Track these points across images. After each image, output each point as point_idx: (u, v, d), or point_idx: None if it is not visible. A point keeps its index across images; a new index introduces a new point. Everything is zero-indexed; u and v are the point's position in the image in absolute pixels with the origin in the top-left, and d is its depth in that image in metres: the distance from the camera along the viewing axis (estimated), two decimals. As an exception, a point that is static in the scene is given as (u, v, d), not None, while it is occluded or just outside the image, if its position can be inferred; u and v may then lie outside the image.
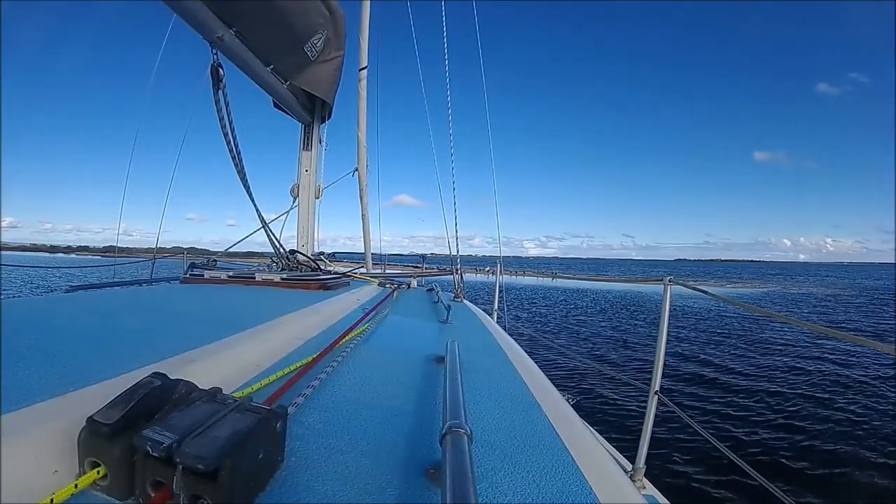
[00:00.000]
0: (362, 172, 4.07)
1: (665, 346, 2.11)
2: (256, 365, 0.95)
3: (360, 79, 3.98)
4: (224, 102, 1.89)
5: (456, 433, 0.55)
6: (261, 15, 2.07)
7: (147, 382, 0.53)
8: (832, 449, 4.19)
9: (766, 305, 18.73)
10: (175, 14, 1.73)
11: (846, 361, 7.44)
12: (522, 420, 0.78)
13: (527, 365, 1.21)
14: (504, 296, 4.35)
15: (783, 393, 5.84)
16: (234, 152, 2.01)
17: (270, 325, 1.19)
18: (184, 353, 0.83)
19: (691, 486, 3.47)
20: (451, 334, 1.46)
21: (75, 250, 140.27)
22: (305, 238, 3.28)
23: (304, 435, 0.65)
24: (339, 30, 2.84)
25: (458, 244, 3.51)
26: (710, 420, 4.83)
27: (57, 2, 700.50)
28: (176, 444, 0.44)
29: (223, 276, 2.34)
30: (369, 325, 1.43)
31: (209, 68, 1.84)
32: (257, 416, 0.51)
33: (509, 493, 0.55)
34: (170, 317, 1.32)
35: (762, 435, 4.47)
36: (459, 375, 0.81)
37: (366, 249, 4.35)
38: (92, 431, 0.47)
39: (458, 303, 2.50)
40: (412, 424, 0.72)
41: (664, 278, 2.13)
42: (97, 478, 0.47)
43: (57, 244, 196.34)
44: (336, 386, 0.87)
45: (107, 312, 1.34)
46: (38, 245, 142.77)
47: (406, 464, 0.59)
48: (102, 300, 1.64)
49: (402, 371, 1.01)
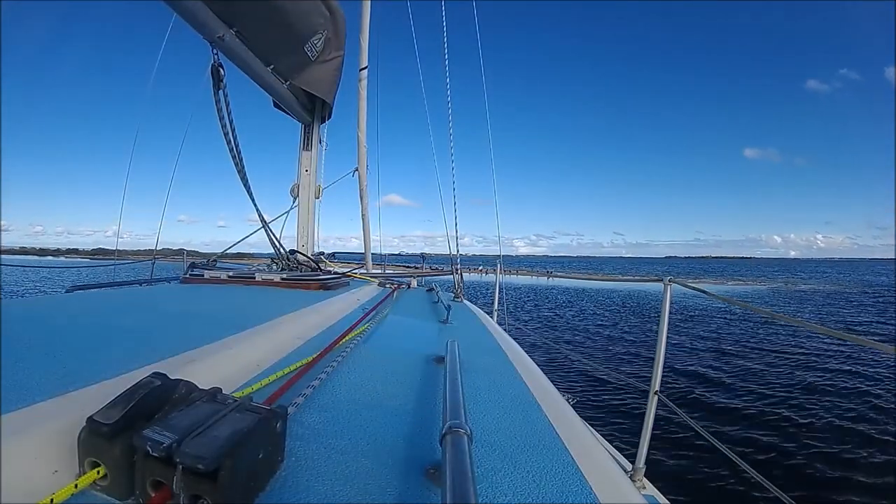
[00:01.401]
0: (362, 172, 4.07)
1: (665, 345, 2.11)
2: (256, 365, 0.95)
3: (361, 79, 3.98)
4: (225, 102, 1.89)
5: (456, 433, 0.55)
6: (261, 15, 2.07)
7: (147, 382, 0.53)
8: (832, 448, 4.19)
9: (772, 303, 18.68)
10: (175, 14, 1.73)
11: (847, 361, 7.44)
12: (522, 420, 0.78)
13: (527, 365, 1.21)
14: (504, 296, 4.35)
15: (783, 392, 5.84)
16: (234, 152, 2.01)
17: (270, 325, 1.19)
18: (184, 353, 0.83)
19: (691, 486, 3.47)
20: (451, 334, 1.46)
21: (65, 253, 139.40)
22: (305, 238, 3.28)
23: (304, 435, 0.65)
24: (340, 30, 2.84)
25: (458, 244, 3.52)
26: (710, 420, 4.83)
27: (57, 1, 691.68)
28: (176, 444, 0.44)
29: (223, 276, 2.34)
30: (369, 325, 1.43)
31: (209, 68, 1.84)
32: (257, 416, 0.51)
33: (509, 493, 0.55)
34: (170, 317, 1.32)
35: (762, 435, 4.47)
36: (459, 375, 0.81)
37: (366, 249, 4.35)
38: (92, 431, 0.47)
39: (458, 303, 2.50)
40: (412, 424, 0.72)
41: (664, 278, 2.13)
42: (97, 478, 0.47)
43: (47, 247, 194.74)
44: (336, 386, 0.87)
45: (107, 312, 1.34)
46: (28, 248, 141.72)
47: (406, 464, 0.59)
48: (102, 300, 1.65)
49: (402, 371, 1.01)
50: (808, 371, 6.93)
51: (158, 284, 2.61)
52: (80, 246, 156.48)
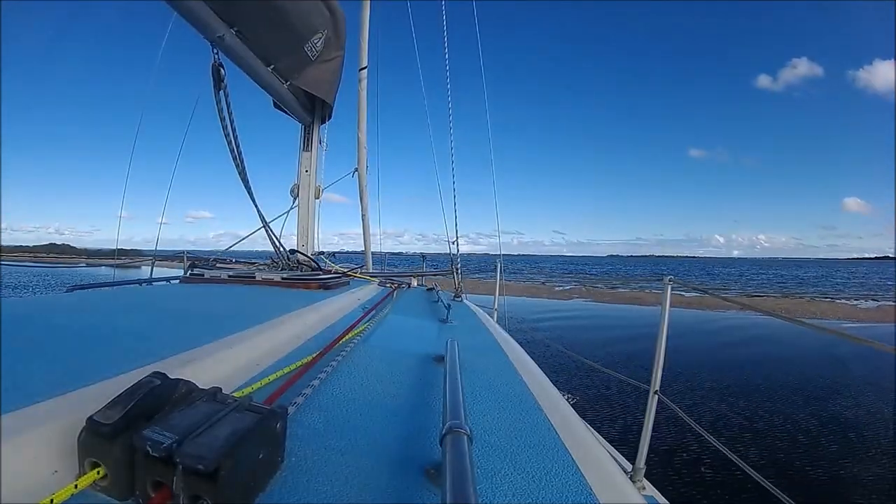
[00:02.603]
0: (362, 173, 4.07)
1: (665, 346, 2.11)
2: (256, 365, 0.95)
3: (361, 79, 3.97)
4: (225, 102, 1.89)
5: (456, 433, 0.55)
6: (261, 15, 2.07)
7: (147, 382, 0.53)
8: (833, 448, 4.19)
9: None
10: (176, 13, 1.73)
11: (847, 361, 7.44)
12: (522, 420, 0.78)
13: (527, 365, 1.21)
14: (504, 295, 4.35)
15: (784, 392, 5.84)
16: (235, 152, 2.01)
17: (270, 325, 1.19)
18: (184, 353, 0.83)
19: (691, 487, 3.47)
20: (451, 334, 1.46)
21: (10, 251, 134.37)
22: (305, 238, 3.28)
23: (304, 435, 0.65)
24: (340, 30, 2.84)
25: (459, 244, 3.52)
26: (710, 420, 4.83)
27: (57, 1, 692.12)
28: (176, 444, 0.44)
29: (223, 275, 2.34)
30: (369, 325, 1.43)
31: (210, 68, 1.83)
32: (257, 416, 0.51)
33: (509, 493, 0.55)
34: (170, 317, 1.32)
35: (763, 435, 4.47)
36: (459, 375, 0.81)
37: (366, 249, 4.34)
38: (92, 431, 0.47)
39: (458, 302, 2.50)
40: (412, 424, 0.72)
41: (664, 278, 2.13)
42: (97, 478, 0.47)
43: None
44: (336, 386, 0.87)
45: (107, 312, 1.34)
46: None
47: (406, 464, 0.59)
48: (102, 300, 1.64)
49: (402, 371, 1.01)
50: (809, 370, 6.93)
51: (158, 284, 2.61)
52: (24, 242, 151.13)
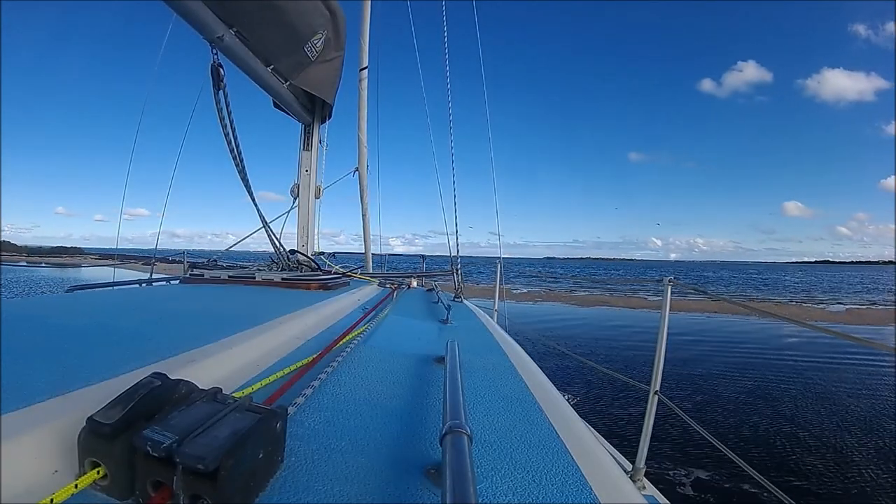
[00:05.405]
0: (363, 172, 4.07)
1: (665, 346, 2.11)
2: (256, 365, 0.95)
3: (361, 79, 3.98)
4: (225, 102, 1.89)
5: (456, 433, 0.55)
6: (261, 15, 2.07)
7: (147, 382, 0.53)
8: (833, 448, 4.19)
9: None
10: (175, 14, 1.73)
11: (847, 361, 7.44)
12: (522, 420, 0.78)
13: (527, 365, 1.21)
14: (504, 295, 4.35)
15: (784, 392, 5.84)
16: (234, 152, 2.01)
17: (270, 325, 1.19)
18: (184, 353, 0.83)
19: (691, 486, 3.47)
20: (451, 334, 1.46)
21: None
22: (305, 238, 3.28)
23: (304, 435, 0.65)
24: (340, 30, 2.83)
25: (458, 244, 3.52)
26: (710, 420, 4.83)
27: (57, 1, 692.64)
28: (176, 444, 0.44)
29: (223, 276, 2.34)
30: (369, 326, 1.43)
31: (209, 68, 1.83)
32: (257, 417, 0.51)
33: (509, 493, 0.55)
34: (170, 317, 1.32)
35: (763, 435, 4.47)
36: (459, 375, 0.81)
37: (366, 249, 4.34)
38: (92, 431, 0.47)
39: (458, 303, 2.50)
40: (412, 425, 0.72)
41: (664, 278, 2.13)
42: (97, 478, 0.47)
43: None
44: (336, 386, 0.87)
45: (107, 312, 1.34)
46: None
47: (406, 464, 0.59)
48: (102, 300, 1.64)
49: (402, 371, 1.01)
50: (808, 371, 6.93)
51: (158, 285, 2.61)
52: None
